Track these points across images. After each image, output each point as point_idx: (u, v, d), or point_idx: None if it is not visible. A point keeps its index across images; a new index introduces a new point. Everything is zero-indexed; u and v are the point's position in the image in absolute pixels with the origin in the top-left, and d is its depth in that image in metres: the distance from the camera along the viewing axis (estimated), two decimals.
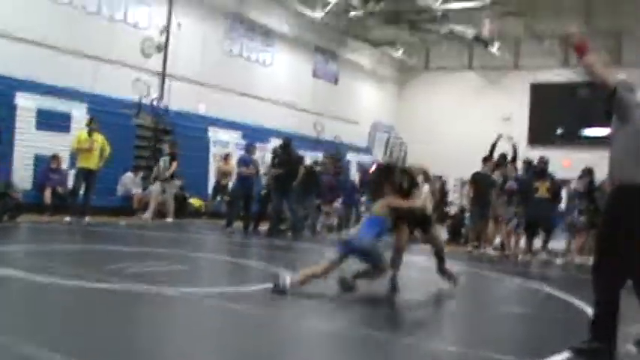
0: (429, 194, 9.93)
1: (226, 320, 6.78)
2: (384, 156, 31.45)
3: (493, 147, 17.65)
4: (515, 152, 17.56)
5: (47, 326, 5.69)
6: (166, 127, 21.88)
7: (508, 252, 16.73)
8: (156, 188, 19.19)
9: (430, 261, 10.41)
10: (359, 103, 33.45)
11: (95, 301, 6.94)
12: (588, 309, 7.70)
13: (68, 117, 18.85)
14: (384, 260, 8.73)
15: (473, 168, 17.62)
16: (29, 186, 17.73)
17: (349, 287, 8.51)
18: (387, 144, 33.67)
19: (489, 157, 17.29)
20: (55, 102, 18.59)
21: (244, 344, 5.72)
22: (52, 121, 18.41)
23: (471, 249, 17.22)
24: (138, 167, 20.80)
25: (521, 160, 17.71)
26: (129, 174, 19.63)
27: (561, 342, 6.18)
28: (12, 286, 7.48)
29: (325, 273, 8.47)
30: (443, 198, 28.97)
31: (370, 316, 7.59)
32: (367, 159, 29.55)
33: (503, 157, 17.49)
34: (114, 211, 18.38)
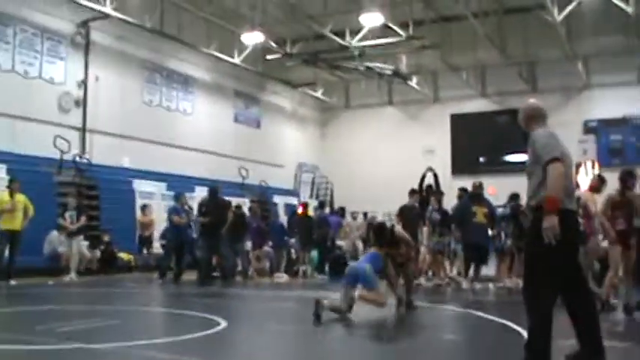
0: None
1: None
2: (311, 197, 31.67)
3: (422, 179, 17.92)
4: (437, 183, 17.90)
5: None
6: (90, 182, 21.68)
7: (440, 281, 16.99)
8: (67, 244, 18.69)
9: None
10: (282, 146, 33.66)
11: None
12: (523, 331, 7.97)
13: None
14: (379, 286, 10.41)
15: (400, 202, 17.86)
16: None
17: (318, 314, 9.79)
18: (313, 184, 33.93)
19: (415, 190, 17.54)
20: None
21: None
22: None
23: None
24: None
25: (444, 190, 18.04)
26: (54, 232, 19.34)
27: None
28: None
29: (349, 308, 10.24)
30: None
31: (310, 357, 7.65)
32: (294, 201, 29.68)
33: (429, 188, 17.81)
34: (41, 271, 18.06)
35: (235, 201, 21.44)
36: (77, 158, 21.53)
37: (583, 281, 6.36)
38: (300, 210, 22.58)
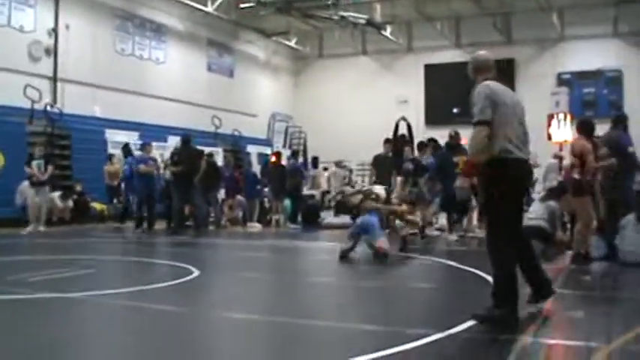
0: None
1: (140, 318, 6.87)
2: (284, 146, 31.66)
3: (396, 129, 17.90)
4: (410, 133, 17.90)
5: None
6: (62, 132, 21.55)
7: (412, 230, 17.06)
8: (32, 194, 18.30)
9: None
10: (256, 95, 33.53)
11: None
12: (489, 277, 8.19)
13: None
14: (383, 236, 11.57)
15: (373, 151, 17.92)
16: None
17: (344, 256, 11.45)
18: (286, 134, 33.91)
19: (389, 139, 17.56)
20: None
21: (158, 340, 5.84)
22: None
23: None
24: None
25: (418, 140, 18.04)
26: (26, 183, 19.23)
27: (468, 313, 6.52)
28: None
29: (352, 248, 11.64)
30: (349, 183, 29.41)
31: (281, 305, 7.76)
32: (267, 150, 29.67)
33: (402, 138, 17.81)
34: (13, 222, 18.02)
35: (208, 150, 21.42)
36: (48, 108, 21.35)
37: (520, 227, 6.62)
38: (272, 159, 22.59)
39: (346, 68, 35.07)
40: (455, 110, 31.54)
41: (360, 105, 33.68)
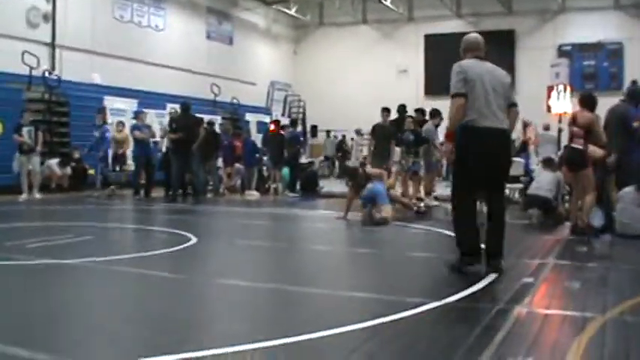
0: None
1: (138, 285, 6.92)
2: (283, 115, 31.60)
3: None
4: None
5: None
6: (60, 99, 21.49)
7: (407, 200, 17.02)
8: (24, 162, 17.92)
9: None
10: (255, 64, 33.44)
11: None
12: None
13: None
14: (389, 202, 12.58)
15: (372, 120, 17.88)
16: None
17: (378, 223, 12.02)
18: (285, 102, 33.83)
19: (387, 109, 17.47)
20: None
21: (155, 306, 5.88)
22: None
23: None
24: None
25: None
26: None
27: (464, 280, 6.59)
28: None
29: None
30: (344, 153, 29.43)
31: (278, 272, 7.80)
32: (266, 119, 29.63)
33: (402, 107, 17.72)
34: (10, 189, 17.96)
35: (207, 118, 21.38)
36: (46, 74, 21.27)
37: (499, 189, 7.66)
38: (271, 127, 22.56)
39: (346, 37, 34.96)
40: None
41: (360, 74, 33.63)
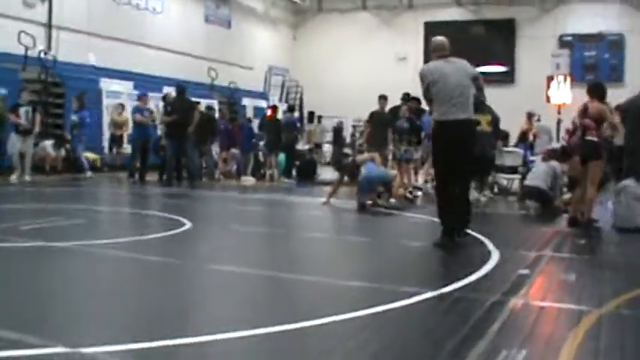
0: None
1: (130, 269, 6.93)
2: (280, 100, 31.54)
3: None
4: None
5: None
6: (56, 80, 21.41)
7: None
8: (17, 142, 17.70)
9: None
10: (253, 48, 33.31)
11: None
12: (484, 239, 8.70)
13: None
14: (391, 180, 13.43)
15: (370, 107, 17.85)
16: None
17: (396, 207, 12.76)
18: (283, 88, 33.75)
19: (384, 96, 17.42)
20: None
21: (148, 291, 5.88)
22: None
23: None
24: None
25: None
26: None
27: (460, 271, 6.62)
28: None
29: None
30: (340, 141, 29.35)
31: (272, 259, 7.80)
32: (263, 104, 29.57)
33: (407, 95, 17.64)
34: (5, 170, 17.88)
35: (204, 102, 21.34)
36: (43, 55, 21.17)
37: (462, 173, 8.68)
38: (268, 113, 22.52)
39: (346, 23, 34.83)
40: None
41: (358, 60, 33.53)
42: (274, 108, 22.64)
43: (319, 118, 30.63)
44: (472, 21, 32.12)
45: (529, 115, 18.71)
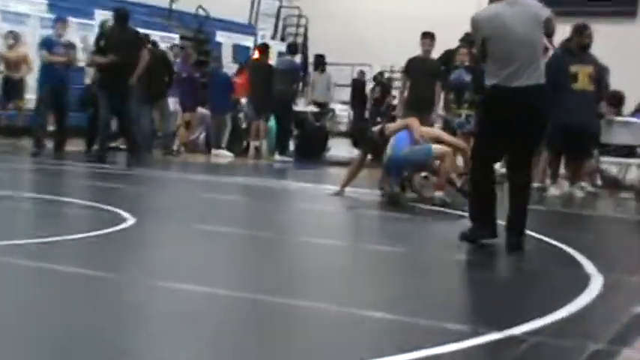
0: None
1: (39, 285, 6.74)
2: (274, 37, 31.49)
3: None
4: None
5: None
6: None
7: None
8: None
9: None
10: None
11: None
12: (580, 256, 8.69)
13: None
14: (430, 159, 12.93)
15: (405, 52, 17.79)
16: None
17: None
18: (278, 18, 33.67)
19: (429, 33, 17.23)
20: None
21: (67, 320, 5.79)
22: None
23: None
24: None
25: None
26: None
27: (540, 303, 6.76)
28: None
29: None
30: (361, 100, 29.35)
31: (255, 275, 7.75)
32: (248, 42, 29.53)
33: (467, 36, 17.46)
34: None
35: (158, 37, 21.30)
36: None
37: (522, 162, 9.18)
38: (255, 55, 22.46)
39: None
40: None
41: None
42: (264, 48, 22.49)
43: (323, 66, 30.36)
44: None
45: None
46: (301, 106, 23.82)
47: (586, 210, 13.29)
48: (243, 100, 21.69)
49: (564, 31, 15.08)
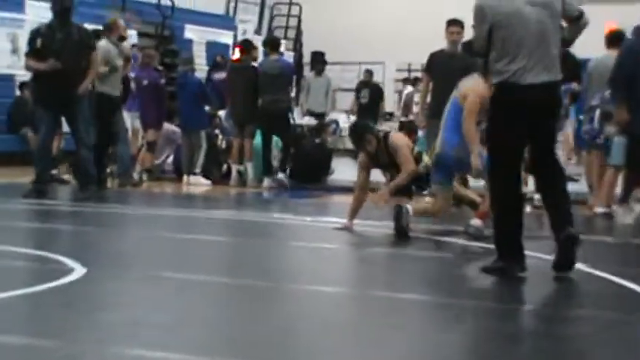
0: None
1: None
2: (258, 32, 31.58)
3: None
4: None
5: None
6: None
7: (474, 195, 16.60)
8: None
9: None
10: None
11: None
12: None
13: None
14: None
15: (425, 48, 17.80)
16: None
17: (401, 226, 12.73)
18: (263, 7, 33.83)
19: (457, 21, 17.24)
20: None
21: None
22: None
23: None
24: None
25: None
26: None
27: None
28: None
29: (442, 211, 13.50)
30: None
31: (245, 341, 7.62)
32: (227, 38, 29.61)
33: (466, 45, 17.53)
34: None
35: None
36: None
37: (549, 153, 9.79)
38: (236, 55, 22.47)
39: None
40: None
41: None
42: (246, 46, 22.43)
43: (322, 66, 30.22)
44: None
45: None
46: (295, 118, 23.75)
47: None
48: (221, 113, 21.65)
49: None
